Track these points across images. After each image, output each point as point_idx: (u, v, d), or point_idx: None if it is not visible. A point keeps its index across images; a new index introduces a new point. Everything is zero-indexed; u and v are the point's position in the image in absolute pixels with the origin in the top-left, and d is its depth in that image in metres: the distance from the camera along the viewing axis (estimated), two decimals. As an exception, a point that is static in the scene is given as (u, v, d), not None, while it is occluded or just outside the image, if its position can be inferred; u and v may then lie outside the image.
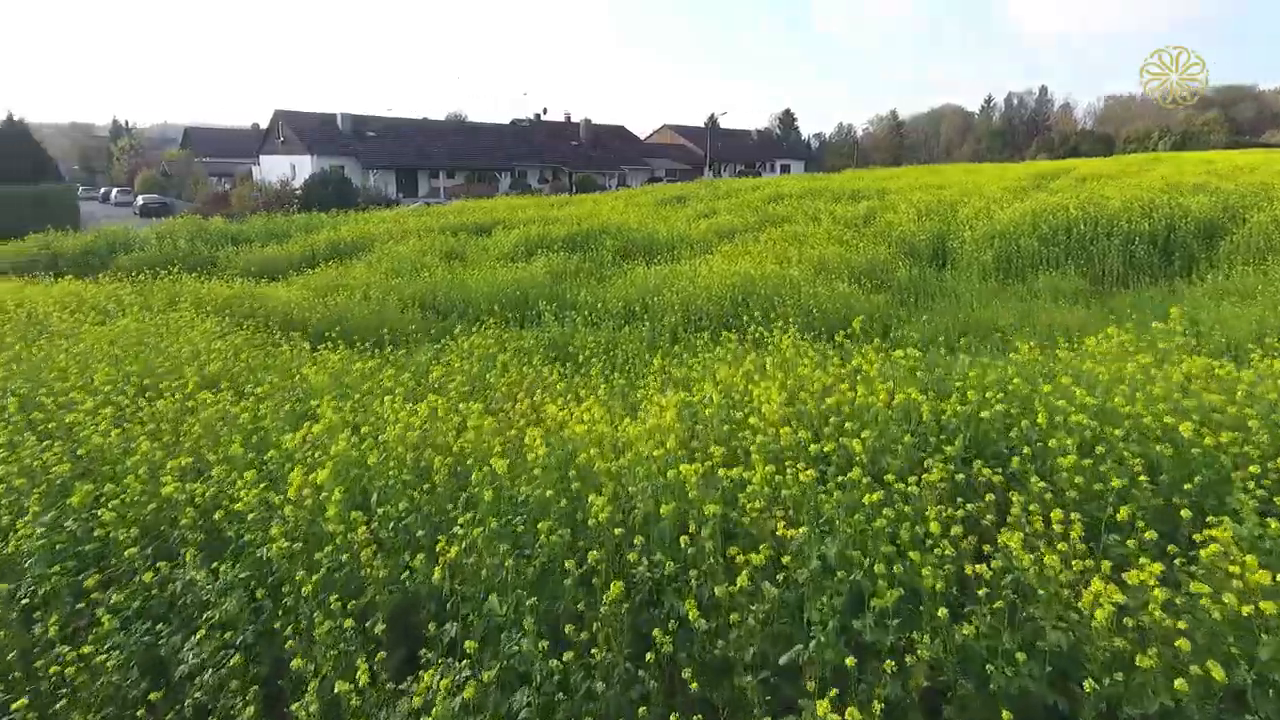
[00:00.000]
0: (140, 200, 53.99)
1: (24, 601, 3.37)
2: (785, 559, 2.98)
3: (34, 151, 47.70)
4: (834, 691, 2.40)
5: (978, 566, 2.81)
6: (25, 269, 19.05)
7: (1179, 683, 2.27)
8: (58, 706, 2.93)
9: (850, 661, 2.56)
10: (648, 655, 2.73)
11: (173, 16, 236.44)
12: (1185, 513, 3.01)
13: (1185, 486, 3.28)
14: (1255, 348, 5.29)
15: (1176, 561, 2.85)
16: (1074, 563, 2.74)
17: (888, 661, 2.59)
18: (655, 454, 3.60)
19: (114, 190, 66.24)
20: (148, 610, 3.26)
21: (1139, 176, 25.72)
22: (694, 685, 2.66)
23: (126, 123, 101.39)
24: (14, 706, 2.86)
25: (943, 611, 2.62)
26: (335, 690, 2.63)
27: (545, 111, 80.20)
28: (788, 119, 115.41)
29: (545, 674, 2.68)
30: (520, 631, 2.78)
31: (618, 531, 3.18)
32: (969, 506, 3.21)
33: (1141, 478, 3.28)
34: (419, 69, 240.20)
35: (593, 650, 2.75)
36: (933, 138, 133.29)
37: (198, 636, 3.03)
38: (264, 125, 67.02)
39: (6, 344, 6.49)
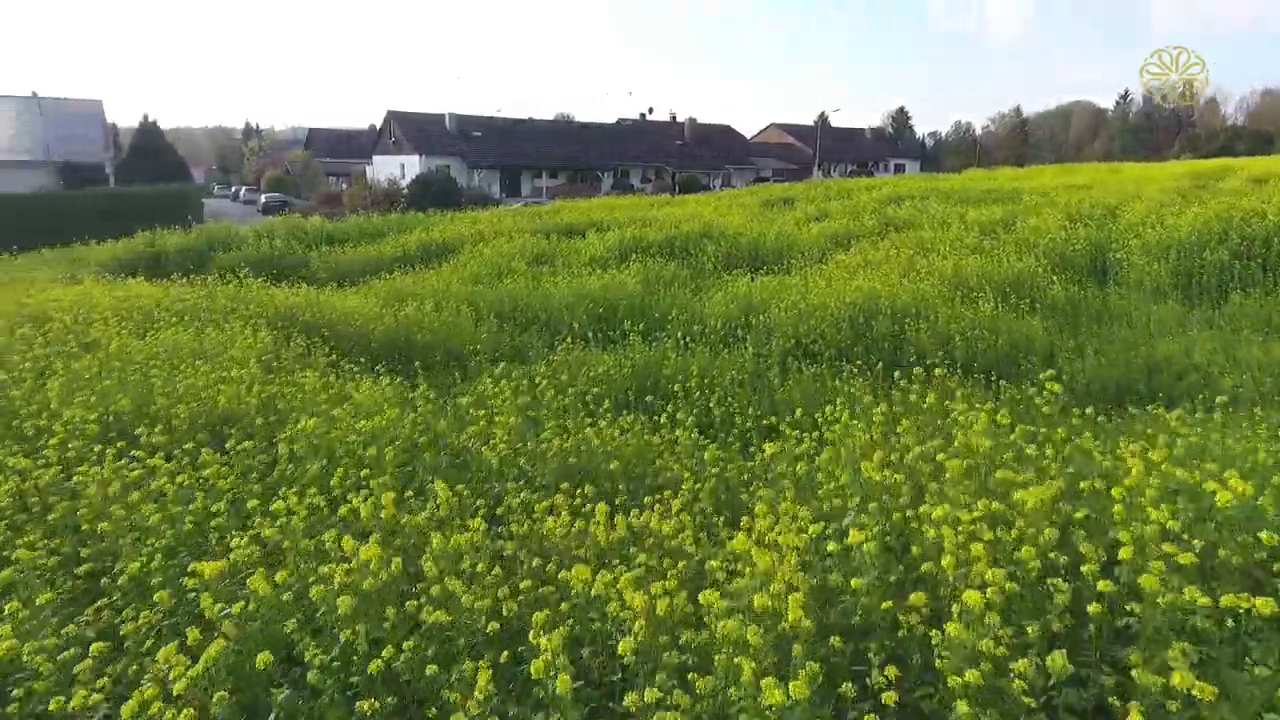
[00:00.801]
0: (263, 198, 56.39)
1: None
2: None
3: (166, 152, 50.43)
4: None
5: None
6: (129, 267, 19.26)
7: None
8: None
9: None
10: None
11: (306, 20, 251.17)
12: None
13: None
14: None
15: None
16: None
17: None
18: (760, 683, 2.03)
19: (242, 189, 69.83)
20: None
21: (1335, 177, 21.89)
22: None
23: (257, 125, 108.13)
24: None
25: None
26: None
27: (651, 111, 79.44)
28: (901, 117, 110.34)
29: None
30: None
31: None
32: None
33: None
34: (530, 70, 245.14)
35: None
36: (1060, 135, 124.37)
37: None
38: (379, 126, 68.99)
39: (11, 363, 5.59)
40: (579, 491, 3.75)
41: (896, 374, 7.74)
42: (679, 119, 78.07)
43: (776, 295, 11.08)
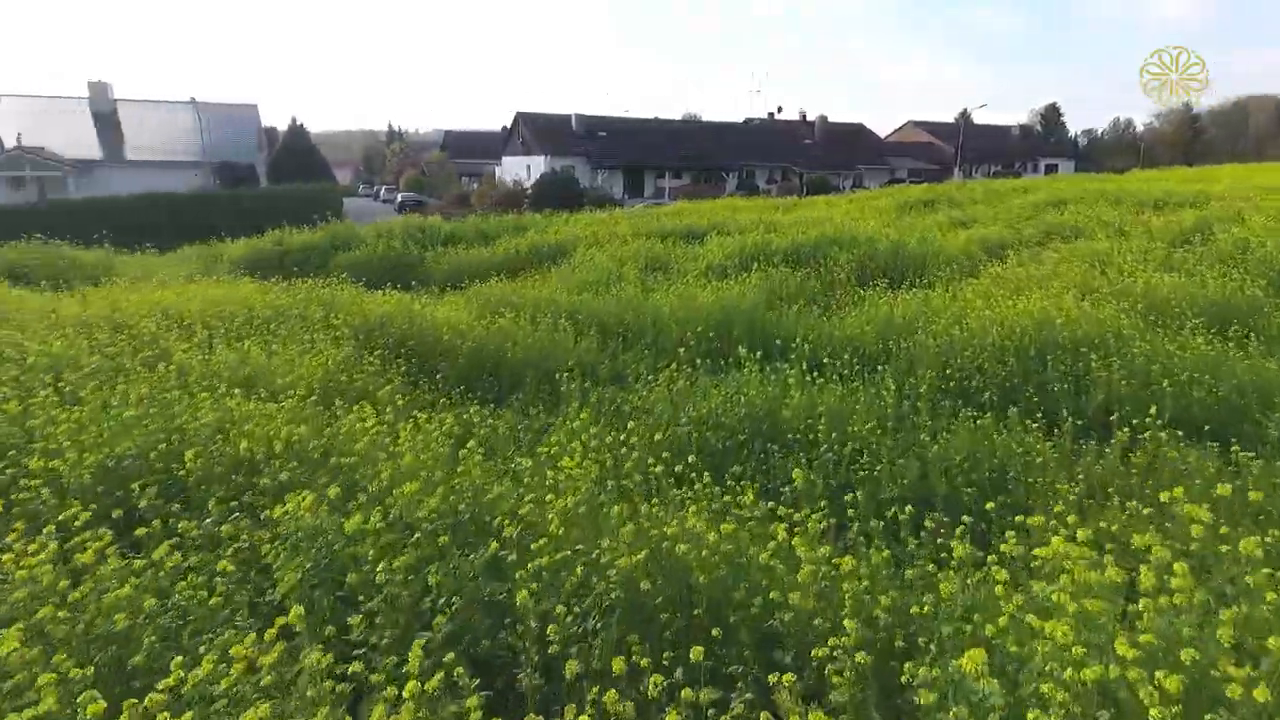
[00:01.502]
0: (399, 198, 58.71)
1: None
2: None
3: (312, 153, 53.18)
4: None
5: None
6: (256, 265, 19.71)
7: None
8: None
9: None
10: None
11: (447, 27, 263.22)
12: None
13: None
14: None
15: None
16: None
17: None
18: None
19: (383, 189, 73.27)
20: None
21: None
22: None
23: (399, 128, 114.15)
24: None
25: None
26: None
27: (780, 110, 77.04)
28: (1052, 114, 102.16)
29: None
30: None
31: None
32: None
33: None
34: (660, 72, 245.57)
35: None
36: (1239, 129, 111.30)
37: None
38: (509, 127, 70.41)
39: (44, 402, 4.99)
40: (639, 654, 2.53)
41: (1078, 422, 6.09)
42: (809, 118, 75.32)
43: (922, 317, 9.43)
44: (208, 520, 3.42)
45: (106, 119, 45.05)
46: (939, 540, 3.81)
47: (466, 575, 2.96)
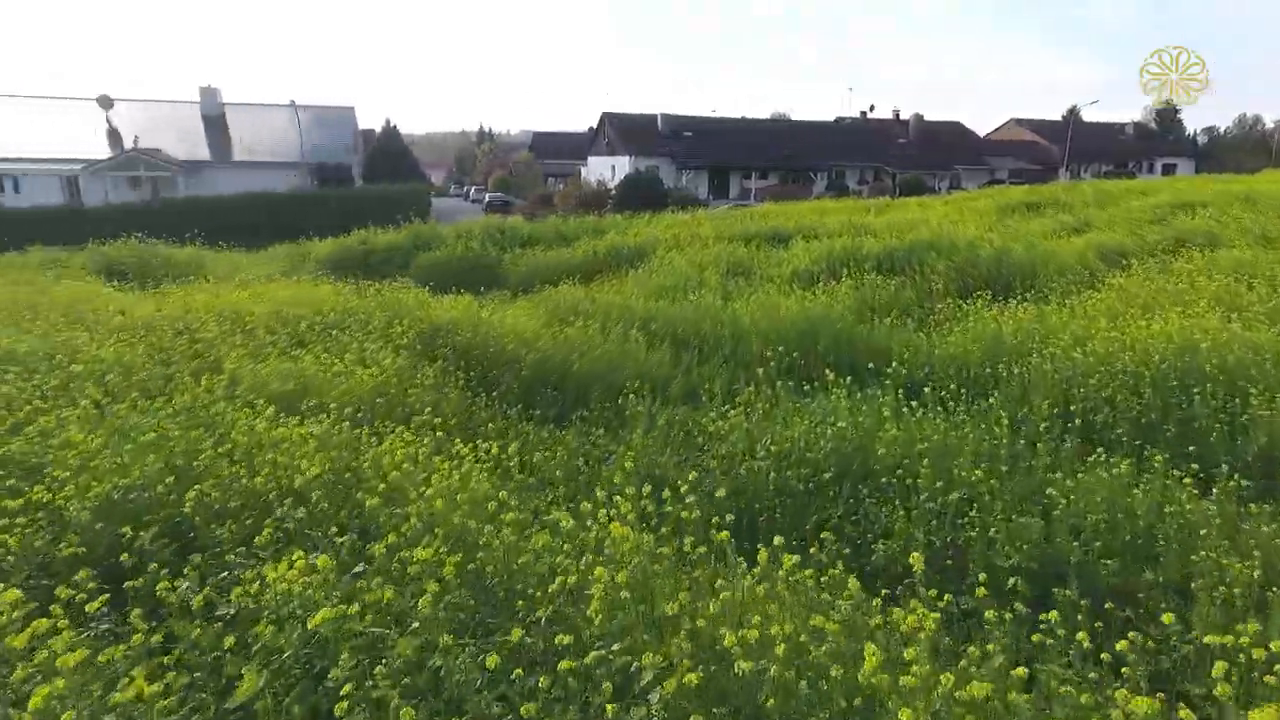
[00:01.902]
0: (487, 198, 59.66)
1: None
2: None
3: (403, 154, 54.54)
4: None
5: None
6: (341, 264, 19.94)
7: None
8: None
9: None
10: None
11: (537, 30, 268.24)
12: None
13: None
14: None
15: None
16: None
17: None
18: None
19: (472, 189, 74.83)
20: None
21: None
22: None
23: (490, 130, 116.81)
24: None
25: None
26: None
27: (872, 109, 74.59)
28: (1168, 111, 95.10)
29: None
30: None
31: None
32: None
33: None
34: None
35: None
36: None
37: None
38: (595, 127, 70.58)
39: (80, 415, 4.71)
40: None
41: (1238, 478, 5.01)
42: (903, 116, 72.57)
43: (1037, 336, 8.38)
44: (184, 586, 2.95)
45: (215, 121, 47.30)
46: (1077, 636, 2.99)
47: (473, 684, 2.36)
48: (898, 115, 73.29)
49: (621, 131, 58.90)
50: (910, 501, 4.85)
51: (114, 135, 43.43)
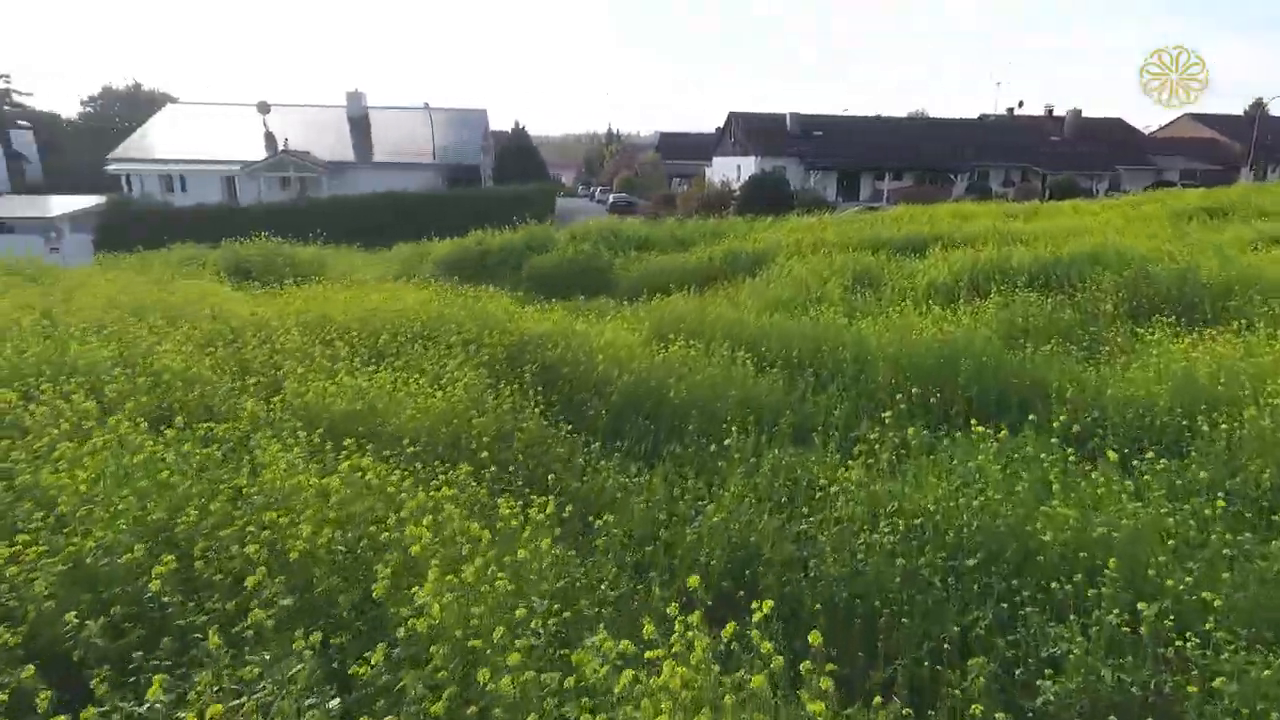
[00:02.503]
0: (611, 198, 59.93)
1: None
2: None
3: (531, 155, 55.46)
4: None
5: None
6: (457, 265, 19.94)
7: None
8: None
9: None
10: None
11: (663, 33, 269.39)
12: None
13: None
14: None
15: None
16: None
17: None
18: None
19: (598, 190, 75.64)
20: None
21: None
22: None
23: (618, 131, 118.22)
24: None
25: None
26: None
27: (1021, 105, 69.48)
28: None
29: None
30: None
31: None
32: None
33: None
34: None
35: None
36: None
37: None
38: (721, 128, 69.41)
39: (104, 443, 4.28)
40: None
41: None
42: (1057, 112, 67.02)
43: (1245, 376, 6.73)
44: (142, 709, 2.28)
45: (359, 124, 49.77)
46: None
47: None
48: (1050, 111, 67.85)
49: (749, 131, 57.45)
50: (1089, 616, 3.64)
51: (269, 139, 46.44)
